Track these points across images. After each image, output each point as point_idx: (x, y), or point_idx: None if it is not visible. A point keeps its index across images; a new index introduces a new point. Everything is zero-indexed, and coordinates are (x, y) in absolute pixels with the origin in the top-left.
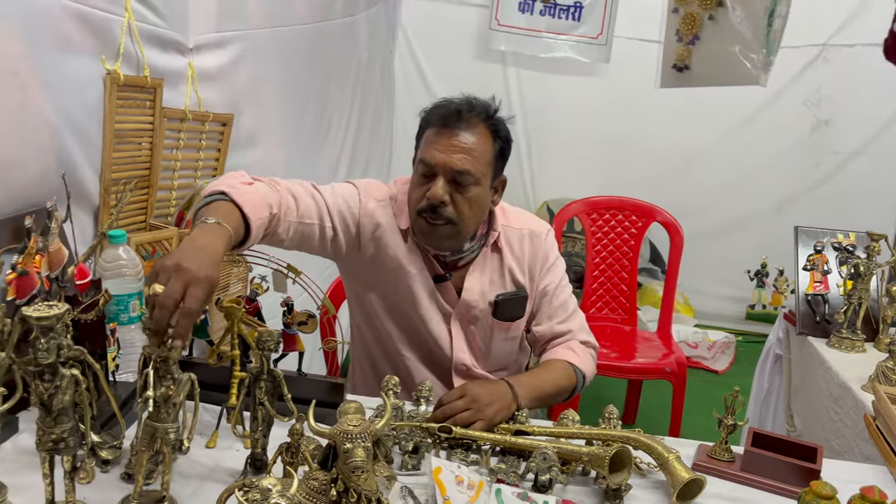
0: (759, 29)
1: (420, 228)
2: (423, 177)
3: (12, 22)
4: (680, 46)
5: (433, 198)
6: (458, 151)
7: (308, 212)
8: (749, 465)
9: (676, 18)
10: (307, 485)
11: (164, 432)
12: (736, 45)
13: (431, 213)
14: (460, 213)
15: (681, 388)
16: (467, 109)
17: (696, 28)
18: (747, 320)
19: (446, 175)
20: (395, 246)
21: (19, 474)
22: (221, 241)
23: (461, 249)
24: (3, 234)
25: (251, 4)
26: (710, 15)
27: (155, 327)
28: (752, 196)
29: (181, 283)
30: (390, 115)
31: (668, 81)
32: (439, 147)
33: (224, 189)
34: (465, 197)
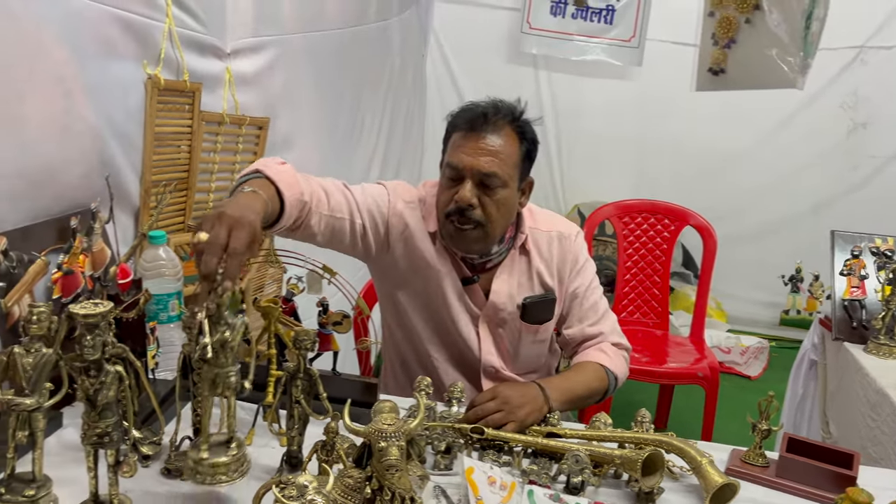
0: (796, 32)
1: (448, 232)
2: (451, 180)
3: (58, 28)
4: (716, 50)
5: (461, 201)
6: (485, 154)
7: (339, 206)
8: (784, 471)
9: (712, 22)
10: (342, 482)
11: (224, 377)
12: (773, 48)
13: (459, 217)
14: (488, 215)
15: (713, 393)
16: (493, 112)
17: (732, 31)
18: (781, 326)
19: (474, 178)
20: (424, 247)
21: (64, 468)
22: (259, 203)
23: (489, 252)
24: (49, 235)
25: (287, 10)
26: (747, 18)
27: (205, 271)
28: (788, 200)
29: (225, 228)
30: (421, 118)
31: (703, 85)
32: (466, 150)
33: (259, 167)
34: (493, 199)
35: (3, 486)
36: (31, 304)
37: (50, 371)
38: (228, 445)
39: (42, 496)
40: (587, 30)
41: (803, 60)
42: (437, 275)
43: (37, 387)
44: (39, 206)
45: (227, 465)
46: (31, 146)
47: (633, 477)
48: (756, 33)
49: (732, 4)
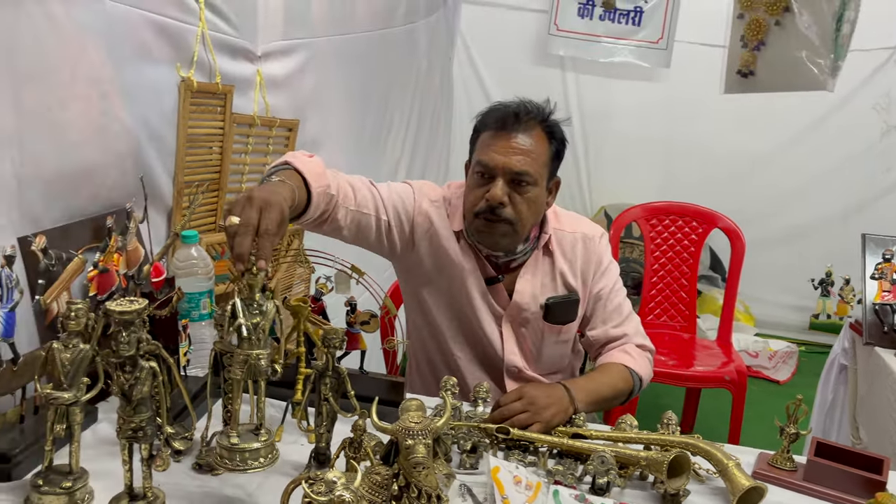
0: (826, 34)
1: (477, 228)
2: (481, 178)
3: (97, 33)
4: (745, 52)
5: (493, 199)
6: (516, 153)
7: (365, 202)
8: (812, 475)
9: (741, 24)
10: (369, 479)
11: (256, 358)
12: (803, 50)
13: (490, 214)
14: (518, 213)
15: (740, 397)
16: (524, 112)
17: (761, 34)
18: (811, 330)
19: (505, 176)
20: (449, 246)
21: (99, 461)
22: (287, 191)
23: (514, 251)
24: (86, 234)
25: (316, 13)
26: (777, 20)
27: (238, 251)
28: (818, 203)
29: (256, 210)
30: (448, 120)
31: (731, 87)
32: (498, 149)
33: (287, 159)
34: (524, 198)
35: (41, 478)
36: (69, 300)
37: (87, 366)
38: (258, 432)
39: (79, 488)
40: (615, 31)
41: (833, 62)
42: (461, 273)
43: (74, 381)
44: (77, 206)
45: (258, 451)
46: (71, 148)
47: (658, 478)
48: (786, 35)
49: (762, 6)
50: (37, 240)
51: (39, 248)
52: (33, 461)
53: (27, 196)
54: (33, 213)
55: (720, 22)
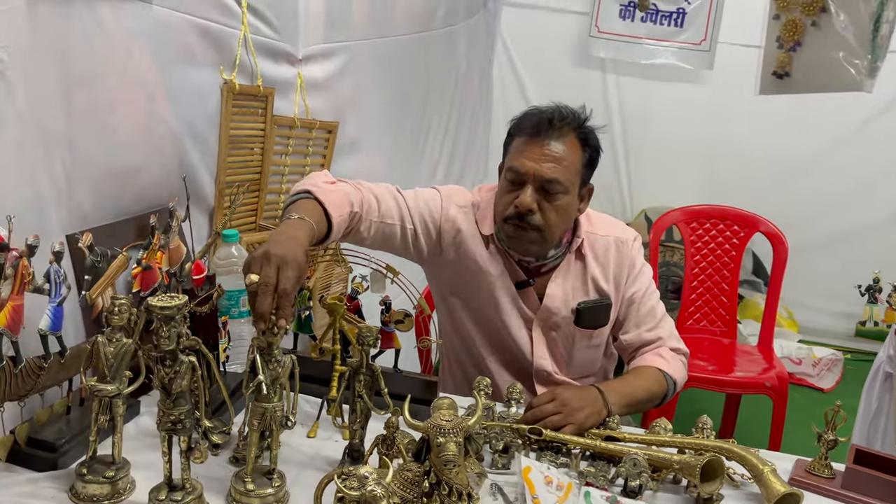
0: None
1: (507, 234)
2: (512, 184)
3: (144, 38)
4: (781, 53)
5: (521, 206)
6: (548, 160)
7: (389, 212)
8: (850, 483)
9: (777, 25)
10: (401, 476)
11: (272, 411)
12: (839, 51)
13: (518, 220)
14: (547, 220)
15: (781, 403)
16: (558, 118)
17: (797, 34)
18: (857, 337)
19: (535, 183)
20: (477, 252)
21: (141, 452)
22: (304, 233)
23: (545, 256)
24: (130, 232)
25: (357, 16)
26: (813, 21)
27: (259, 311)
28: (865, 207)
29: (273, 268)
30: (487, 122)
31: (767, 88)
32: (529, 155)
33: (308, 188)
34: (553, 205)
35: (85, 467)
36: (114, 296)
37: (129, 360)
38: (271, 476)
39: (121, 478)
40: (657, 33)
41: (871, 63)
42: (490, 278)
43: (117, 374)
44: (122, 205)
45: (270, 496)
46: (118, 149)
47: (691, 482)
48: (822, 36)
49: (798, 7)
50: (83, 237)
51: (86, 245)
52: (79, 451)
53: (76, 195)
54: (82, 211)
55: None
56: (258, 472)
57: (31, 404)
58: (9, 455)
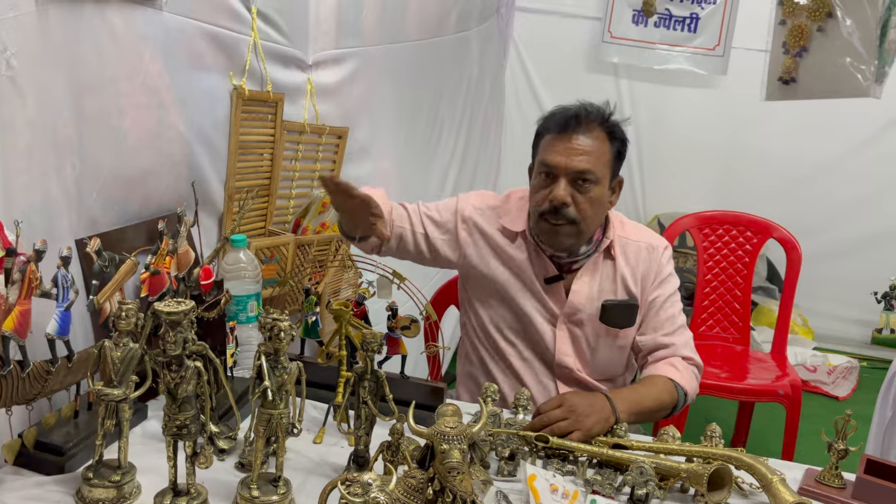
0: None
1: (542, 229)
2: (544, 179)
3: (154, 44)
4: (787, 58)
5: (556, 199)
6: (577, 153)
7: (400, 218)
8: (861, 493)
9: (783, 30)
10: (405, 482)
11: (278, 418)
12: (846, 56)
13: (553, 215)
14: (582, 212)
15: (795, 412)
16: (584, 114)
17: (803, 40)
18: (873, 345)
19: (567, 176)
20: (501, 247)
21: (147, 457)
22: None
23: (577, 252)
24: (139, 237)
25: (367, 22)
26: (819, 26)
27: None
28: (880, 214)
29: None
30: (499, 128)
31: (773, 94)
32: (560, 150)
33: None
34: (587, 197)
35: (91, 471)
36: (121, 301)
37: (136, 365)
38: (276, 483)
39: (127, 482)
40: (670, 38)
41: (879, 69)
42: (516, 272)
43: (124, 379)
44: (131, 210)
45: (276, 503)
46: (128, 155)
47: (699, 491)
48: (828, 42)
49: (804, 12)
50: (91, 242)
51: (94, 249)
52: (86, 455)
53: (86, 200)
54: (91, 215)
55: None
56: (264, 478)
57: (38, 408)
58: (16, 458)
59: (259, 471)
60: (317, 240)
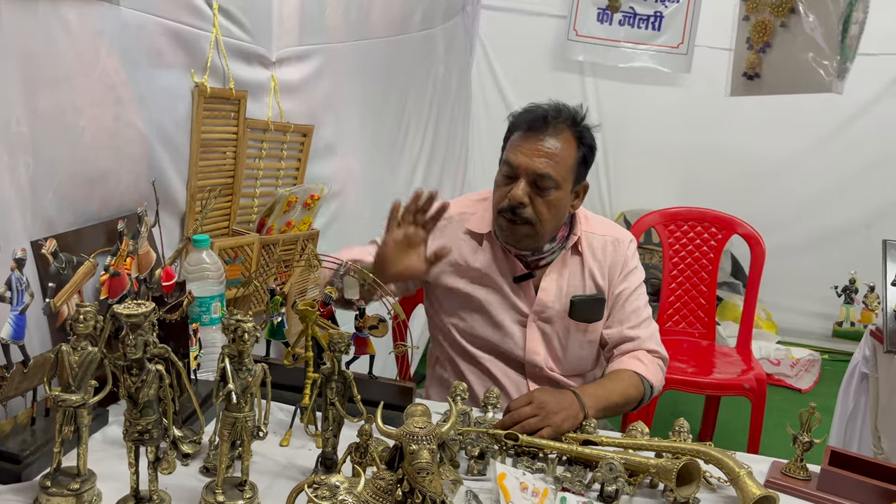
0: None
1: (500, 226)
2: (506, 177)
3: (111, 39)
4: (751, 54)
5: (513, 199)
6: (541, 155)
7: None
8: (826, 485)
9: (747, 26)
10: (374, 484)
11: (243, 421)
12: (808, 52)
13: (510, 213)
14: (539, 214)
15: (760, 405)
16: (554, 115)
17: (767, 35)
18: (834, 338)
19: (528, 177)
20: (466, 253)
21: (108, 463)
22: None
23: (541, 249)
24: (98, 238)
25: (332, 19)
26: (782, 22)
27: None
28: (841, 208)
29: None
30: (466, 126)
31: (737, 90)
32: (524, 150)
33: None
34: (545, 200)
35: (49, 480)
36: (79, 303)
37: (95, 369)
38: (242, 488)
39: (86, 490)
40: (634, 36)
41: (841, 64)
42: (481, 276)
43: (82, 384)
44: (89, 210)
45: None
46: (84, 153)
47: (668, 486)
48: (791, 37)
49: (768, 8)
50: (47, 243)
51: (50, 251)
52: (44, 463)
53: (41, 200)
54: (47, 216)
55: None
56: (229, 483)
57: None
58: None
59: (224, 475)
60: (282, 239)
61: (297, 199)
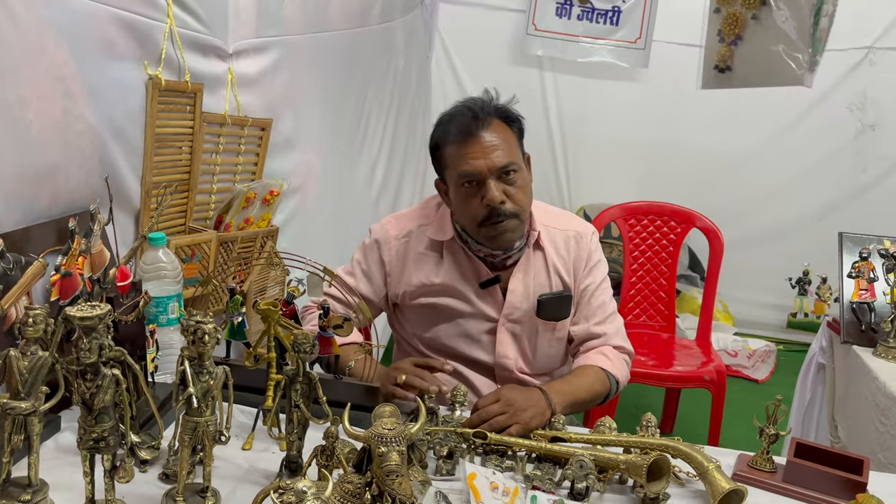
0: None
1: (485, 236)
2: (470, 188)
3: (59, 29)
4: (722, 47)
5: (493, 202)
6: (493, 150)
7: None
8: (792, 477)
9: (718, 19)
10: (342, 488)
11: (204, 426)
12: (780, 44)
13: (494, 217)
14: (518, 203)
15: (720, 396)
16: (480, 111)
17: (738, 28)
18: (789, 329)
19: (493, 175)
20: (428, 268)
21: (61, 472)
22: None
23: (513, 247)
24: (47, 237)
25: (289, 11)
26: (754, 14)
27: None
28: (795, 202)
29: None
30: (426, 120)
31: (709, 82)
32: (473, 155)
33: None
34: (517, 187)
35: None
36: (28, 306)
37: (46, 374)
38: (204, 495)
39: (38, 501)
40: (593, 31)
41: (812, 57)
42: (446, 288)
43: (32, 390)
44: (38, 208)
45: None
46: (31, 147)
47: (638, 482)
48: (763, 30)
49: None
50: None
51: None
52: None
53: None
54: None
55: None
56: (190, 490)
57: None
58: None
59: (185, 481)
60: (240, 236)
61: (255, 195)
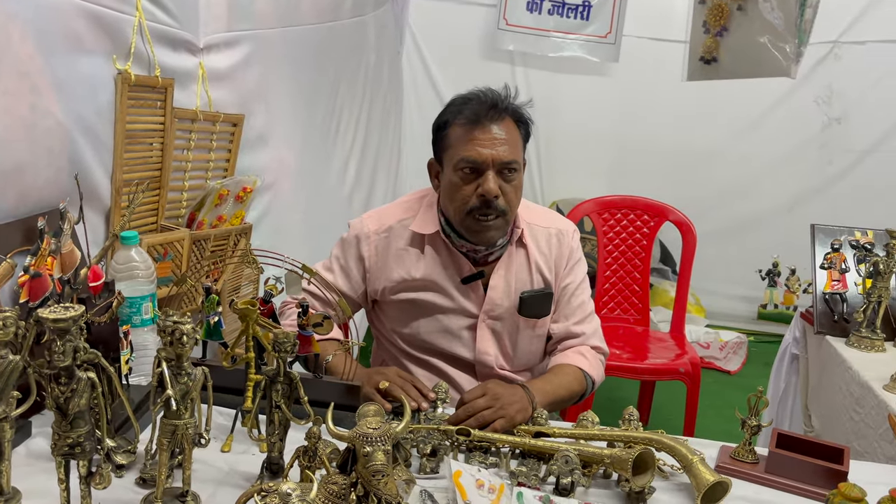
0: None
1: (469, 227)
2: (467, 175)
3: (23, 22)
4: (707, 38)
5: (489, 193)
6: (501, 143)
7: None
8: (774, 467)
9: (703, 10)
10: (326, 489)
11: (184, 429)
12: (766, 35)
13: (484, 210)
14: (509, 202)
15: (695, 388)
16: (494, 102)
17: (724, 19)
18: (759, 320)
19: (494, 168)
20: (408, 260)
21: (34, 479)
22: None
23: (496, 243)
24: (15, 236)
25: (261, 4)
26: (739, 5)
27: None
28: (764, 195)
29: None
30: (398, 114)
31: (694, 74)
32: (482, 142)
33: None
34: (512, 186)
35: None
36: None
37: (17, 379)
38: (184, 498)
39: None
40: (564, 26)
41: (797, 48)
42: (427, 282)
43: (3, 395)
44: (5, 207)
45: None
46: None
47: (623, 476)
48: (748, 21)
49: None
50: None
51: None
52: None
53: None
54: None
55: (670, 16)
56: (169, 494)
57: None
58: None
59: (164, 486)
60: (214, 234)
61: (228, 192)
